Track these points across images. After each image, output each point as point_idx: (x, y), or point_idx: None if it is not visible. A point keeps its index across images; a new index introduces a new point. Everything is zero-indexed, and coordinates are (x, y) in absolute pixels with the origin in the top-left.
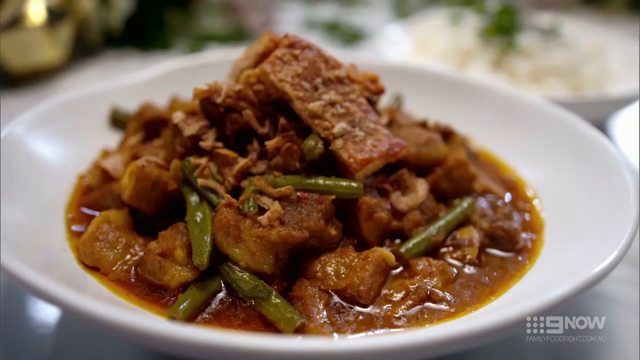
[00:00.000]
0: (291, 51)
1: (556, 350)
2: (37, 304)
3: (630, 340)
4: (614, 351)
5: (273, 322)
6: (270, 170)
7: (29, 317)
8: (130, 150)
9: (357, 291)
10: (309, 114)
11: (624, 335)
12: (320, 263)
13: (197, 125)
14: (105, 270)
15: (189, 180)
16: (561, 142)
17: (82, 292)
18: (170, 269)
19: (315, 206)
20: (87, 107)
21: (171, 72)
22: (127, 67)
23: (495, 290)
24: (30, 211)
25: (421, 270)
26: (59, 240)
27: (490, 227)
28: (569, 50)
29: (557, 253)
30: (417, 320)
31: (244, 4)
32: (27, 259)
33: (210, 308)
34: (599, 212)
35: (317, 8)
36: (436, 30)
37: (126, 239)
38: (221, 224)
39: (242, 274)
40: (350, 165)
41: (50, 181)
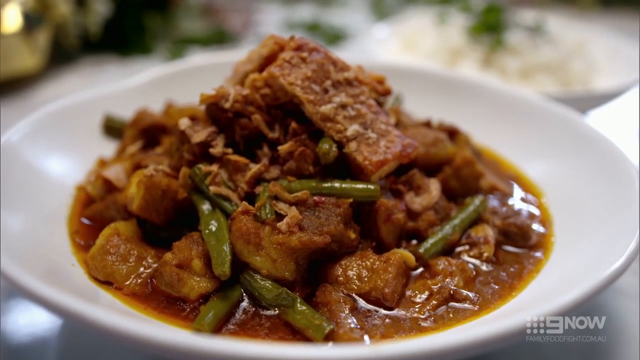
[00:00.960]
0: (299, 54)
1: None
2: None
3: (631, 340)
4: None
5: (300, 330)
6: (283, 175)
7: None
8: (130, 159)
9: (382, 294)
10: (320, 117)
11: (624, 335)
12: (341, 267)
13: (206, 132)
14: (118, 284)
15: (199, 188)
16: (560, 138)
17: (103, 308)
18: (188, 280)
19: (334, 210)
20: (79, 115)
21: (161, 78)
22: (107, 72)
23: (515, 286)
24: (33, 226)
25: (442, 270)
26: (66, 254)
27: (503, 224)
28: (555, 47)
29: (570, 247)
30: (444, 321)
31: (224, 6)
32: (39, 277)
33: (234, 319)
34: (606, 204)
35: (295, 9)
36: (422, 30)
37: (138, 251)
38: (241, 232)
39: (264, 282)
40: (366, 167)
41: (48, 193)
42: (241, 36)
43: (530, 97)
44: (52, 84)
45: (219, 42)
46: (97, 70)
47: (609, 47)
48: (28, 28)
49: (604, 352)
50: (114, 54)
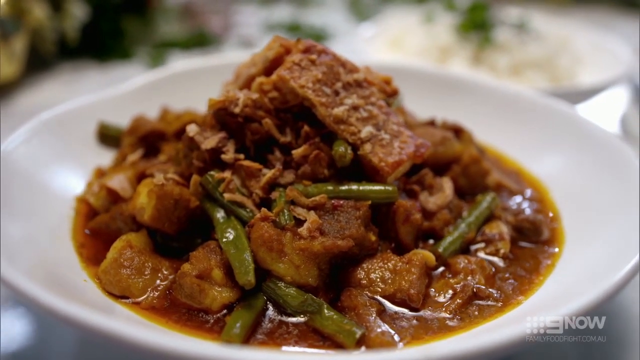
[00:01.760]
0: (308, 56)
1: None
2: None
3: (631, 340)
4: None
5: (330, 336)
6: (298, 179)
7: None
8: (132, 168)
9: (408, 295)
10: (333, 119)
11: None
12: (363, 270)
13: (216, 138)
14: (135, 298)
15: (212, 195)
16: (560, 133)
17: (132, 323)
18: (210, 291)
19: (353, 213)
20: (72, 123)
21: (152, 83)
22: (87, 79)
23: (534, 281)
24: (39, 242)
25: (463, 269)
26: (76, 270)
27: (516, 220)
28: (541, 43)
29: (582, 240)
30: (470, 319)
31: (202, 9)
32: (59, 296)
33: (261, 328)
34: (612, 197)
35: (273, 9)
36: (409, 29)
37: (152, 263)
38: (263, 239)
39: (288, 289)
40: (382, 169)
41: (49, 206)
42: (222, 38)
43: (527, 94)
44: (30, 92)
45: (200, 44)
46: (76, 76)
47: (590, 41)
48: (4, 35)
49: (603, 352)
50: (92, 60)
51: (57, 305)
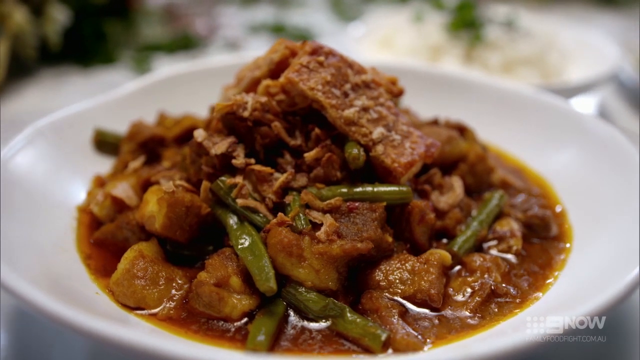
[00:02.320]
0: (315, 58)
1: None
2: None
3: (631, 340)
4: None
5: (355, 340)
6: (311, 182)
7: None
8: (135, 175)
9: (429, 295)
10: (344, 121)
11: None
12: (381, 272)
13: (226, 143)
14: (151, 308)
15: (223, 201)
16: (559, 129)
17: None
18: (229, 299)
19: (370, 215)
20: (67, 131)
21: (143, 89)
22: (70, 85)
23: (548, 276)
24: (45, 256)
25: (479, 267)
26: (86, 282)
27: (525, 216)
28: (531, 40)
29: (590, 235)
30: (491, 316)
31: (186, 11)
32: (73, 308)
33: (284, 335)
34: (615, 191)
35: (254, 10)
36: (398, 28)
37: (166, 272)
38: (282, 244)
39: (308, 294)
40: (395, 169)
41: (51, 217)
42: (207, 41)
43: (525, 90)
44: (12, 99)
45: (185, 47)
46: (58, 82)
47: (574, 38)
48: None
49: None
50: (75, 65)
51: (78, 319)
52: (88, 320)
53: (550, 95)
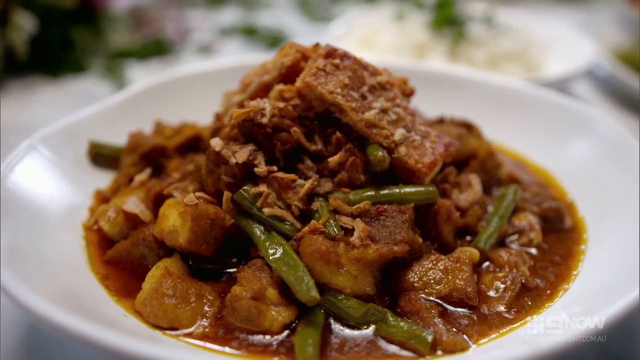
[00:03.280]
0: (331, 61)
1: None
2: None
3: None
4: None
5: (401, 343)
6: (336, 187)
7: None
8: (143, 189)
9: (465, 293)
10: (365, 124)
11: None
12: (414, 273)
13: (247, 151)
14: (185, 327)
15: (247, 211)
16: (556, 121)
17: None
18: (268, 312)
19: (400, 217)
20: (60, 144)
21: (134, 97)
22: (40, 95)
23: (570, 266)
24: (61, 278)
25: (507, 262)
26: (108, 304)
27: (540, 209)
28: (513, 36)
29: (603, 224)
30: (526, 310)
31: (153, 15)
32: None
33: (329, 344)
34: (619, 180)
35: (220, 12)
36: (379, 27)
37: (195, 289)
38: (320, 252)
39: (348, 301)
40: (420, 170)
41: (57, 238)
42: (179, 45)
43: (518, 85)
44: None
45: (158, 53)
46: (27, 93)
47: (549, 32)
48: None
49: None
50: (43, 75)
51: (125, 345)
52: (135, 345)
53: (545, 89)
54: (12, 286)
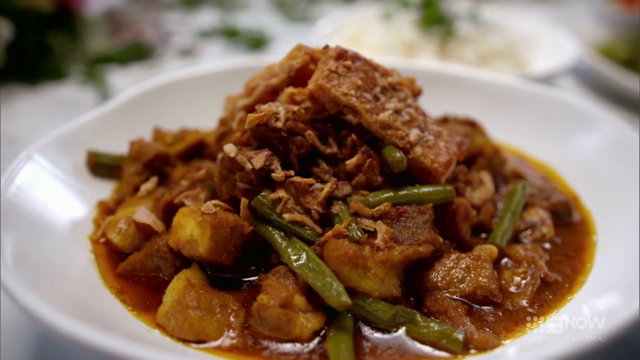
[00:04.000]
0: (342, 63)
1: None
2: None
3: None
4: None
5: (433, 344)
6: (354, 190)
7: None
8: (151, 198)
9: (490, 290)
10: (380, 125)
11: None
12: (437, 272)
13: (263, 156)
14: (213, 340)
15: (266, 217)
16: (552, 117)
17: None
18: (297, 319)
19: (420, 217)
20: (56, 154)
21: (129, 102)
22: (19, 104)
23: (583, 258)
24: (78, 295)
25: (524, 257)
26: (128, 319)
27: (549, 204)
28: (499, 33)
29: (609, 216)
30: (548, 304)
31: (132, 18)
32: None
33: (361, 348)
34: (620, 172)
35: (197, 15)
36: (366, 26)
37: (218, 299)
38: (348, 256)
39: (377, 305)
40: (436, 170)
41: (65, 252)
42: (160, 49)
43: (512, 82)
44: None
45: (139, 58)
46: (5, 102)
47: (533, 29)
48: None
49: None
50: (21, 83)
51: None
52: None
53: (539, 85)
54: (35, 306)
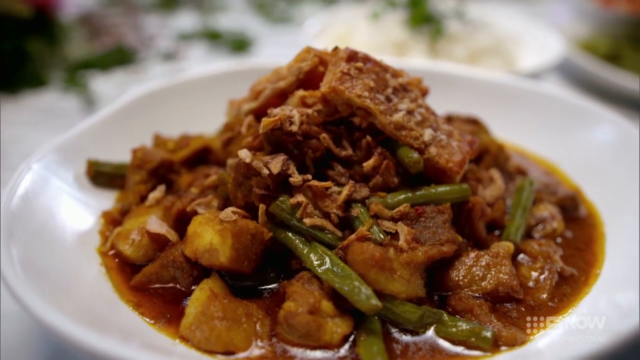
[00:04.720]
0: (354, 64)
1: None
2: None
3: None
4: None
5: (462, 343)
6: (372, 192)
7: None
8: (160, 207)
9: (511, 287)
10: (394, 126)
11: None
12: (458, 271)
13: (280, 161)
14: (242, 350)
15: (285, 223)
16: (550, 112)
17: None
18: (327, 325)
19: (440, 217)
20: (55, 164)
21: (124, 108)
22: (2, 114)
23: (594, 251)
24: (96, 310)
25: (539, 253)
26: (149, 334)
27: (557, 199)
28: (487, 31)
29: (615, 209)
30: (567, 297)
31: (111, 22)
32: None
33: (392, 351)
34: (620, 165)
35: (176, 17)
36: (354, 25)
37: (242, 308)
38: (374, 259)
39: (404, 306)
40: (451, 169)
41: (76, 266)
42: (142, 53)
43: (507, 79)
44: None
45: (121, 63)
46: None
47: (518, 26)
48: None
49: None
50: (0, 92)
51: None
52: None
53: (531, 82)
54: (57, 323)
